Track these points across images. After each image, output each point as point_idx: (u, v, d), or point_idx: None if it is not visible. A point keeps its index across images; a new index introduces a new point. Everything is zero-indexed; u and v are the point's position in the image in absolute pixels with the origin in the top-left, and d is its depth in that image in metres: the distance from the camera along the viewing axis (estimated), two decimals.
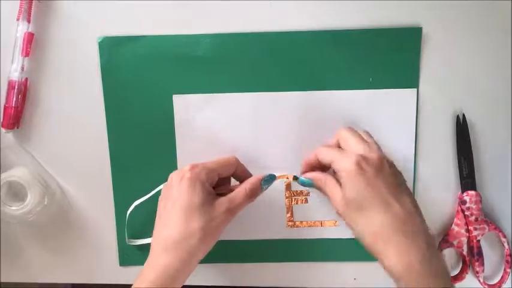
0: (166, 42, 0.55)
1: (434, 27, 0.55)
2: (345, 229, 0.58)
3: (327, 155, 0.50)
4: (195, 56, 0.56)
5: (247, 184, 0.51)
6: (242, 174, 0.54)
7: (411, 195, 0.48)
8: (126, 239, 0.59)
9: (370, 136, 0.52)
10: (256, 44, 0.55)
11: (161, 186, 0.56)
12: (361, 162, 0.46)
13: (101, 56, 0.56)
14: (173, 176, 0.51)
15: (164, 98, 0.56)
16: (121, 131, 0.57)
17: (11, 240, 0.60)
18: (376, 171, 0.46)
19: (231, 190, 0.51)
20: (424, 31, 0.55)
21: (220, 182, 0.53)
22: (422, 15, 0.54)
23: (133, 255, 0.60)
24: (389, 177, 0.47)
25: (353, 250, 0.59)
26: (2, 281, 0.60)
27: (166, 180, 0.55)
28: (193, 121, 0.57)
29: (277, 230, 0.59)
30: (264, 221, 0.59)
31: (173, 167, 0.58)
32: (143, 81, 0.56)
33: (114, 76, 0.56)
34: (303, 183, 0.53)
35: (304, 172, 0.54)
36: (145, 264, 0.48)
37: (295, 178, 0.54)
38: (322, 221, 0.59)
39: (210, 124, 0.57)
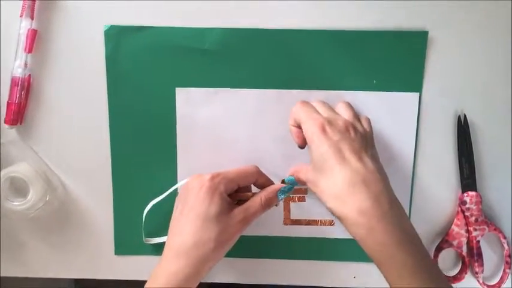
0: (173, 34, 0.55)
1: (441, 32, 0.55)
2: (341, 229, 0.59)
3: (299, 113, 0.51)
4: (200, 50, 0.55)
5: (263, 193, 0.52)
6: (263, 184, 0.54)
7: (376, 159, 0.49)
8: (143, 238, 0.59)
9: (349, 107, 0.53)
10: (262, 40, 0.55)
11: (177, 186, 0.57)
12: (326, 125, 0.47)
13: (106, 45, 0.56)
14: (193, 181, 0.51)
15: (167, 90, 0.56)
16: (123, 123, 0.57)
17: (11, 235, 0.60)
18: (340, 135, 0.47)
19: (250, 197, 0.52)
20: (430, 35, 0.54)
21: (241, 188, 0.53)
22: (429, 19, 0.54)
23: (128, 246, 0.61)
24: (354, 142, 0.47)
25: (350, 251, 0.60)
26: (3, 275, 0.60)
27: (170, 175, 0.57)
28: (195, 115, 0.57)
29: (274, 227, 0.60)
30: (260, 218, 0.59)
31: (173, 160, 0.58)
32: (147, 72, 0.56)
33: (118, 66, 0.56)
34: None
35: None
36: (157, 267, 0.49)
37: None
38: (319, 220, 0.59)
39: (212, 119, 0.57)
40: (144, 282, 0.49)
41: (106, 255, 0.61)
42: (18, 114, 0.56)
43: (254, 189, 0.54)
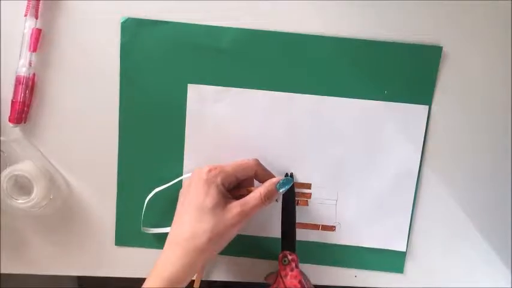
0: (189, 30, 0.55)
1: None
2: (342, 236, 0.60)
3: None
4: (216, 48, 0.55)
5: (262, 188, 0.52)
6: (263, 177, 0.54)
7: None
8: (142, 227, 0.60)
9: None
10: (277, 43, 0.55)
11: (182, 177, 0.58)
12: None
13: (122, 37, 0.55)
14: (195, 174, 0.52)
15: (179, 85, 0.56)
16: (133, 117, 0.57)
17: (15, 233, 0.60)
18: None
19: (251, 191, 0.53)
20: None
21: (243, 182, 0.54)
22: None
23: (130, 239, 0.61)
24: None
25: (350, 257, 0.60)
26: (7, 272, 0.61)
27: (176, 171, 0.58)
28: (205, 112, 0.57)
29: (275, 229, 0.59)
30: (262, 219, 0.59)
31: (180, 156, 0.58)
32: (161, 67, 0.56)
33: (132, 58, 0.56)
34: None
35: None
36: (159, 256, 0.50)
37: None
38: (320, 224, 0.59)
39: (222, 117, 0.57)
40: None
41: (109, 252, 0.61)
42: (22, 113, 0.56)
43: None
